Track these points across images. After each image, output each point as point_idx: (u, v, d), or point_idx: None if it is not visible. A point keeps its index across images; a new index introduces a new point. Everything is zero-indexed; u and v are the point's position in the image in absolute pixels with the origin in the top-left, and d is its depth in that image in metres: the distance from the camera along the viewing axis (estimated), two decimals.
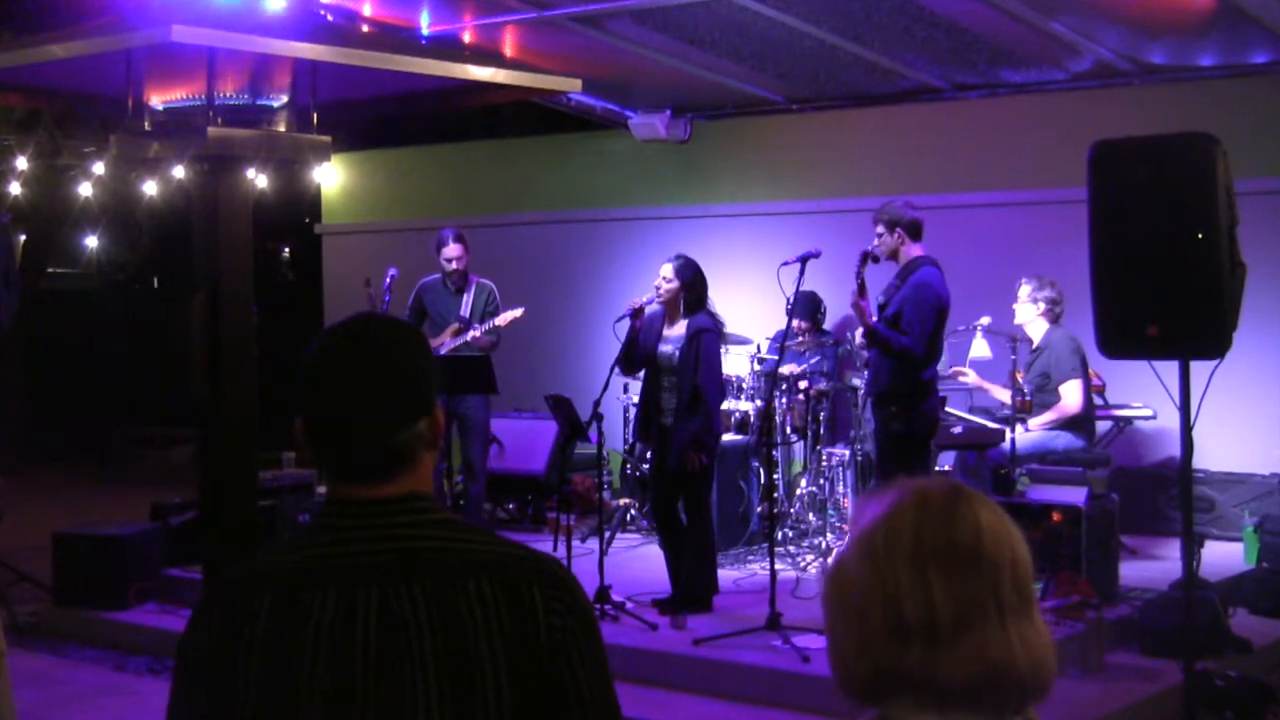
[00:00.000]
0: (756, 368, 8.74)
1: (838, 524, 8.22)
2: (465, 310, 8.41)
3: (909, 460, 6.56)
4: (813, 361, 8.72)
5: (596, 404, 6.93)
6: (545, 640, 1.72)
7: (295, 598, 1.72)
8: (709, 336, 6.87)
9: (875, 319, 6.58)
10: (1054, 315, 7.77)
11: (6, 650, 2.43)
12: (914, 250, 6.70)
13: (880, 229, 6.69)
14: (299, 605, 1.72)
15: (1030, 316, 7.79)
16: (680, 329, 6.95)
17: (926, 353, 6.52)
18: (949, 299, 6.61)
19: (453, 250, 8.39)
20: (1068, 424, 7.80)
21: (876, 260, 6.72)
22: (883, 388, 6.57)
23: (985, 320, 7.88)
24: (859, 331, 6.92)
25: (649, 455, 8.52)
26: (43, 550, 7.99)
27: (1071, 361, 7.80)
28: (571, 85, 6.97)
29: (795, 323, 8.25)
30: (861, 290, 6.52)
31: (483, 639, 1.70)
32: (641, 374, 7.22)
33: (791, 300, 6.84)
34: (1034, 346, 7.88)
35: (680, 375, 6.86)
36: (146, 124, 5.65)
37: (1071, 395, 7.77)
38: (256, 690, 1.70)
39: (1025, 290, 7.81)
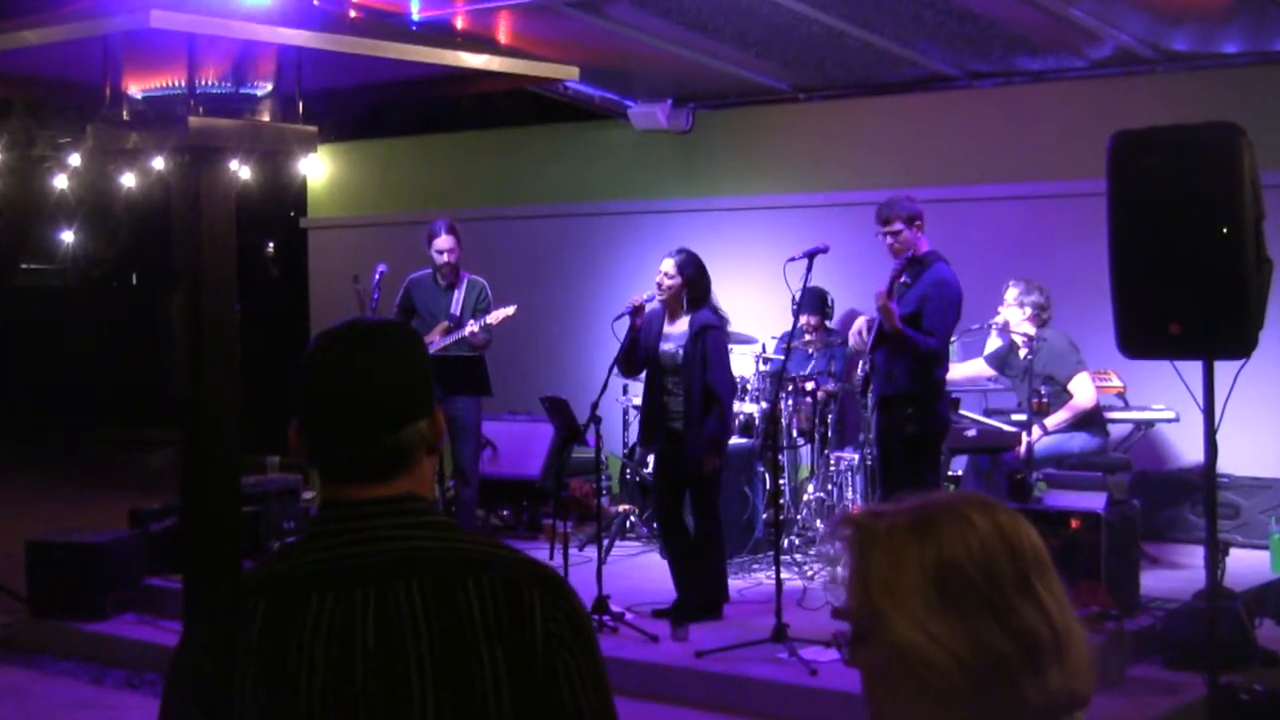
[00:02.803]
0: (762, 368, 8.74)
1: None
2: (456, 308, 8.41)
3: (921, 464, 6.58)
4: (820, 363, 8.73)
5: (595, 406, 6.92)
6: (541, 645, 1.76)
7: (291, 603, 1.76)
8: (715, 334, 6.88)
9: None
10: (1040, 320, 7.78)
11: None
12: (923, 245, 6.71)
13: (898, 226, 6.67)
14: (295, 610, 1.75)
15: (1016, 320, 7.80)
16: (682, 326, 6.95)
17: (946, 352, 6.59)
18: (962, 294, 6.64)
19: (444, 242, 8.39)
20: (1082, 422, 7.82)
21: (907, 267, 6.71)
22: (899, 389, 6.58)
23: (1001, 318, 7.88)
24: (857, 329, 6.93)
25: (648, 459, 8.54)
26: (16, 559, 7.99)
27: (1074, 355, 7.83)
28: (568, 73, 6.96)
29: (804, 319, 8.25)
30: (890, 293, 6.52)
31: (482, 639, 1.74)
32: (643, 375, 7.22)
33: (798, 298, 6.84)
34: (1024, 353, 7.88)
35: (686, 376, 6.87)
36: (125, 114, 5.65)
37: (1083, 389, 7.79)
38: (253, 699, 1.73)
39: (1012, 293, 7.83)
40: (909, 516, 1.48)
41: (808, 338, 8.80)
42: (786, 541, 8.04)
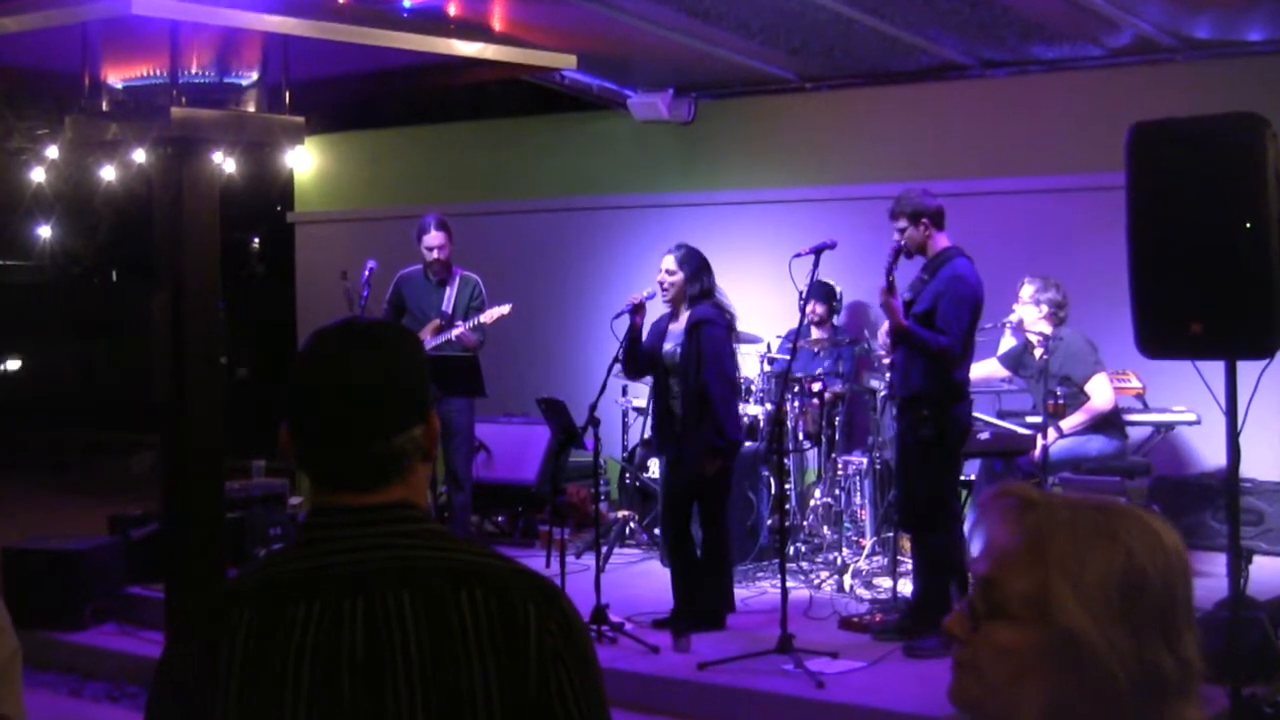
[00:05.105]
0: (767, 368, 8.74)
1: (854, 538, 8.22)
2: (447, 305, 8.41)
3: (935, 469, 6.57)
4: (827, 363, 8.73)
5: (593, 408, 6.93)
6: (535, 660, 1.76)
7: (277, 611, 1.76)
8: (710, 328, 6.86)
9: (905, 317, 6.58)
10: (1057, 319, 7.78)
11: (20, 648, 2.45)
12: (941, 241, 6.70)
13: (903, 224, 6.67)
14: (282, 619, 1.76)
15: (1032, 319, 7.80)
16: (682, 324, 6.95)
17: (962, 351, 6.55)
18: (983, 292, 6.63)
19: (434, 238, 8.39)
20: (1099, 424, 7.82)
21: (910, 256, 6.72)
22: (915, 390, 6.57)
23: (1015, 316, 7.88)
24: (882, 330, 6.93)
25: (648, 463, 8.54)
26: None
27: (1092, 355, 7.83)
28: (565, 62, 6.96)
29: (811, 306, 8.25)
30: (891, 288, 6.52)
31: (474, 652, 1.74)
32: (649, 379, 7.23)
33: (804, 295, 6.85)
34: (1039, 353, 7.88)
35: (683, 374, 6.87)
36: (104, 104, 5.65)
37: (1101, 391, 7.79)
38: (238, 711, 1.73)
39: (1028, 290, 7.83)
40: (1094, 511, 1.47)
41: (815, 334, 8.80)
42: (792, 549, 8.04)
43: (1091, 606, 1.42)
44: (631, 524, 8.98)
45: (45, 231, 17.03)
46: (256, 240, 19.43)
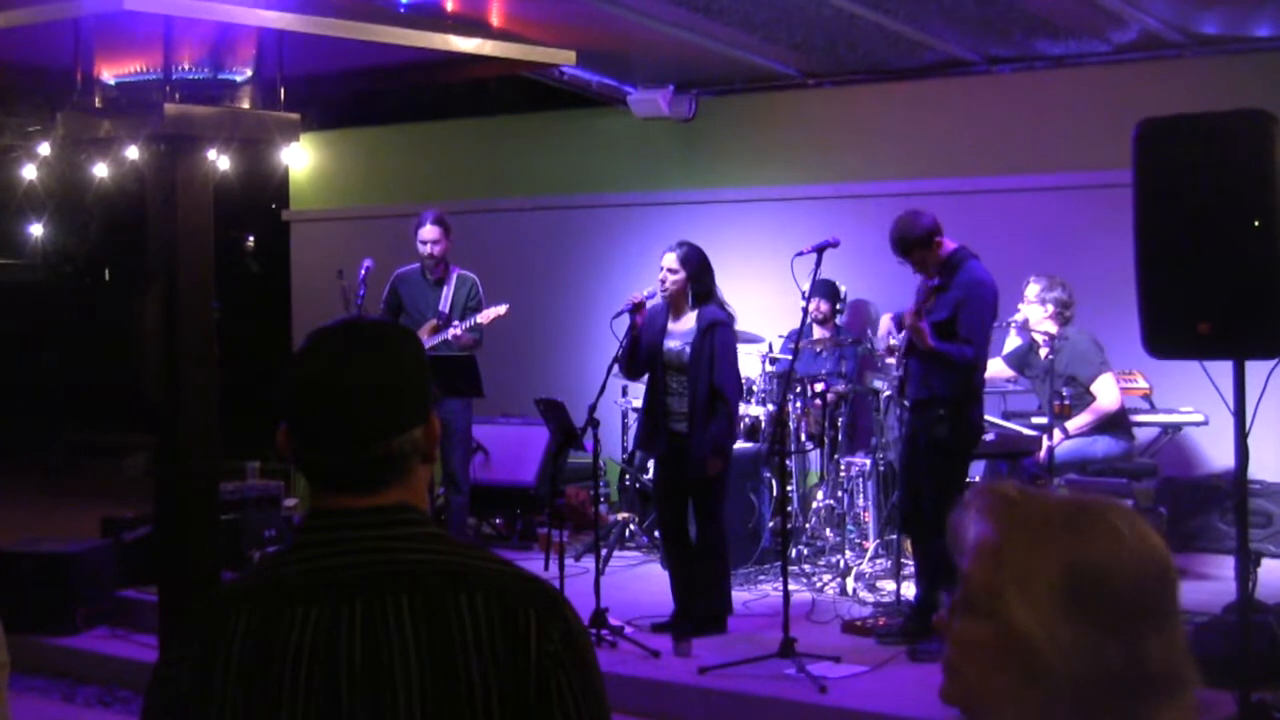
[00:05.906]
0: (769, 368, 8.74)
1: (857, 540, 8.22)
2: (444, 305, 8.40)
3: (944, 470, 6.57)
4: (830, 363, 8.73)
5: (592, 409, 6.93)
6: (535, 666, 1.76)
7: (275, 615, 1.76)
8: (723, 330, 6.88)
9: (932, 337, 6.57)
10: (1063, 319, 7.78)
11: (9, 662, 2.45)
12: (948, 245, 6.69)
13: (918, 254, 6.63)
14: (279, 622, 1.76)
15: (1037, 318, 7.80)
16: (688, 323, 6.95)
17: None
18: (998, 291, 6.64)
19: (430, 232, 8.37)
20: (1106, 425, 7.82)
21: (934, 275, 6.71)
22: (934, 392, 6.57)
23: (1021, 315, 7.89)
24: (883, 330, 6.93)
25: (649, 465, 8.54)
26: None
27: (1098, 355, 7.83)
28: (565, 58, 6.98)
29: (815, 303, 8.26)
30: (919, 312, 6.52)
31: (473, 658, 1.74)
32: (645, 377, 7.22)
33: (807, 295, 6.85)
34: (1044, 353, 7.88)
35: (693, 374, 6.87)
36: (97, 100, 5.65)
37: (1107, 391, 7.79)
38: (234, 713, 1.73)
39: (1033, 289, 7.83)
40: (1063, 510, 1.47)
41: (817, 332, 8.79)
42: (794, 551, 8.04)
43: (1036, 603, 1.42)
44: (631, 526, 8.98)
45: (37, 230, 17.04)
46: (251, 239, 19.41)
